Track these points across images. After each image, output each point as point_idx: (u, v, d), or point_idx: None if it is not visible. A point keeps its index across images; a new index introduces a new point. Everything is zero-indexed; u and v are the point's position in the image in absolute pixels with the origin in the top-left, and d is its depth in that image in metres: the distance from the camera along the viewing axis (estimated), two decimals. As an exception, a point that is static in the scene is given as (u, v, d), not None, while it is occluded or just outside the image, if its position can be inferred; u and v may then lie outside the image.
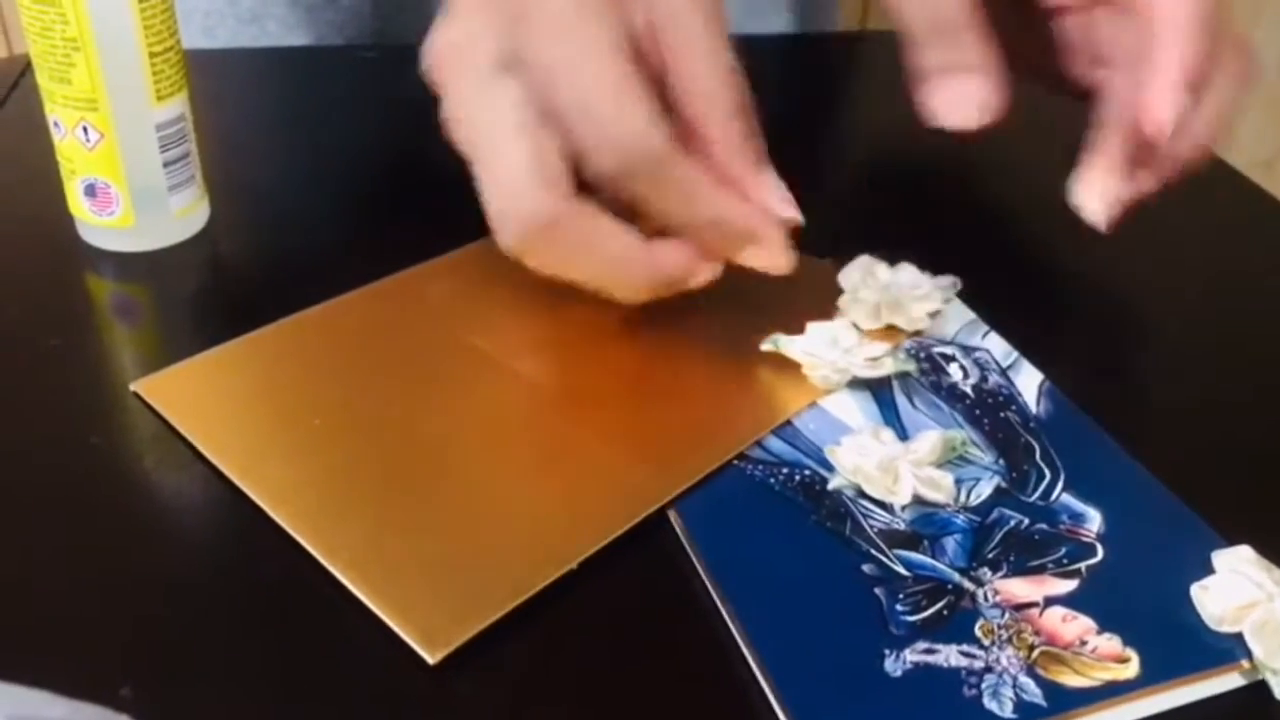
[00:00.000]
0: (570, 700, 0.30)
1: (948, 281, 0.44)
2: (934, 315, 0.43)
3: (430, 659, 0.30)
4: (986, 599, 0.33)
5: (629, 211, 0.36)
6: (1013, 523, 0.35)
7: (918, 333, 0.42)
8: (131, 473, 0.36)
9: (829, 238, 0.47)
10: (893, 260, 0.43)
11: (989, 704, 0.30)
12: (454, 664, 0.30)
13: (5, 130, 0.54)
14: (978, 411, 0.39)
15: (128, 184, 0.44)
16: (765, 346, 0.40)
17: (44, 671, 0.26)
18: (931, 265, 0.45)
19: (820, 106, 0.63)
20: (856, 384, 0.40)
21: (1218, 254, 0.50)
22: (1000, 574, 0.33)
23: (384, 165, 0.53)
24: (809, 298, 0.44)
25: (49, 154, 0.45)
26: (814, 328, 0.41)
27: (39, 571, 0.33)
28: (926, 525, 0.35)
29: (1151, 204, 0.42)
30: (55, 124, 0.44)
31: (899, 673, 0.30)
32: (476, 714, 0.30)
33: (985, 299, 0.44)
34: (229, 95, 0.59)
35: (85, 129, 0.43)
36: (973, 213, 0.52)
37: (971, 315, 0.44)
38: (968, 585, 0.33)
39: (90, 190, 0.44)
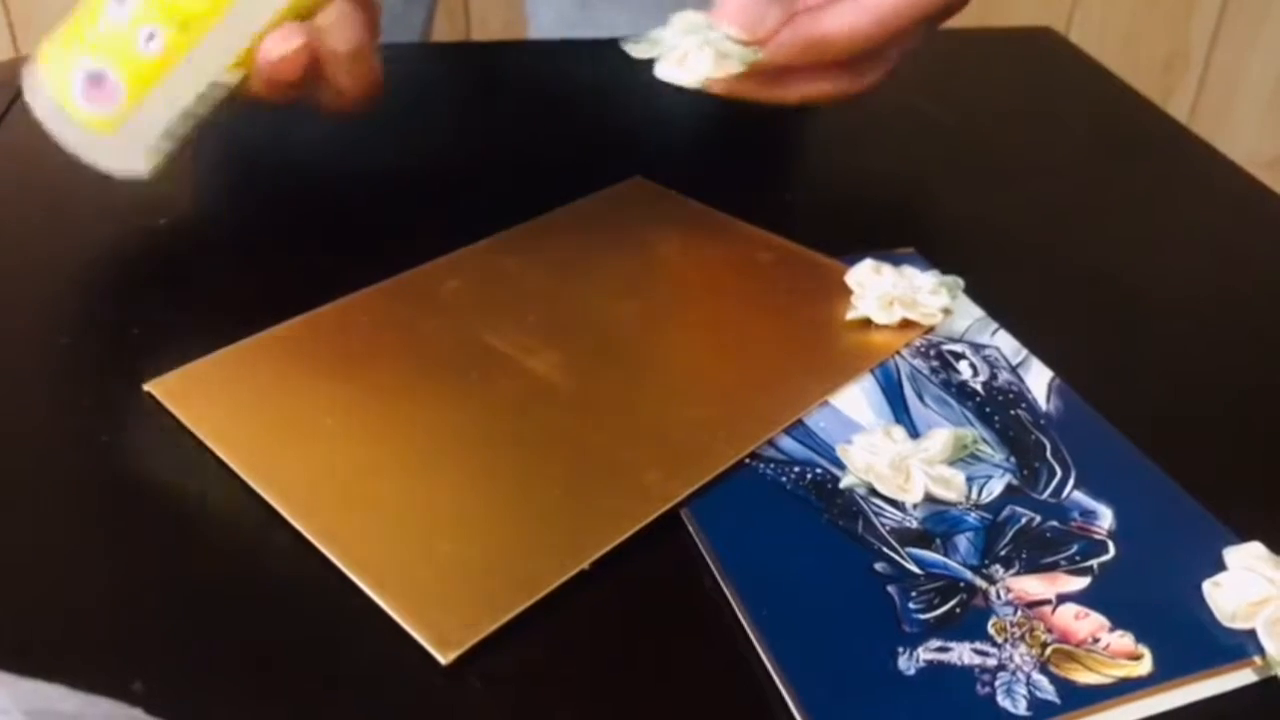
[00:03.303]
0: (583, 699, 0.30)
1: (951, 280, 0.44)
2: (946, 311, 0.43)
3: (443, 659, 0.30)
4: (999, 597, 0.33)
5: None
6: (1024, 520, 0.35)
7: (931, 329, 0.42)
8: (143, 471, 0.36)
9: (833, 237, 0.47)
10: (897, 260, 0.43)
11: (1002, 702, 0.30)
12: (467, 663, 0.30)
13: (15, 130, 0.54)
14: (988, 409, 0.39)
15: (129, 77, 0.42)
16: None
17: (57, 666, 0.26)
18: (938, 264, 0.45)
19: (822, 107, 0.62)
20: (868, 383, 0.40)
21: (1226, 251, 0.50)
22: (1012, 571, 0.33)
23: (394, 162, 0.53)
24: (819, 297, 0.44)
25: (57, 152, 0.45)
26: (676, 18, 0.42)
27: (51, 568, 0.33)
28: (938, 523, 0.35)
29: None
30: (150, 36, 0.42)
31: (912, 671, 0.30)
32: (489, 713, 0.30)
33: (993, 297, 0.44)
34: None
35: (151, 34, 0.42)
36: (978, 212, 0.52)
37: (980, 313, 0.44)
38: (980, 583, 0.33)
39: (98, 80, 0.43)
